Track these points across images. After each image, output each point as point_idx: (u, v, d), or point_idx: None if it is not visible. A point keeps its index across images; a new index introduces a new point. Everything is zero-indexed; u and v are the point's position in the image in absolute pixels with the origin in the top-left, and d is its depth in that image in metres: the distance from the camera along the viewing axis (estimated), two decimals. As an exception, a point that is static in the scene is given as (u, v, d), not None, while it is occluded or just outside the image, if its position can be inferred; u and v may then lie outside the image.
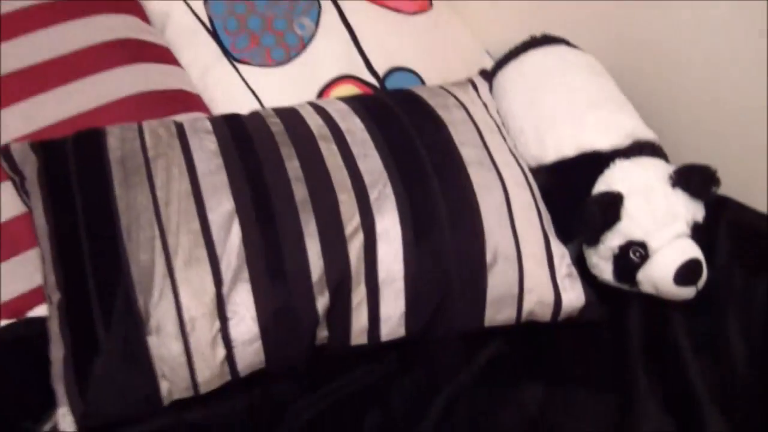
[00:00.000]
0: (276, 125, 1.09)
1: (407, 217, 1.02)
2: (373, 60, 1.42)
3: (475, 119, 1.18)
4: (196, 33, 1.37)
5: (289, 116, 1.12)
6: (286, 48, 1.38)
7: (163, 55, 1.33)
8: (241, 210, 0.98)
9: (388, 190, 1.03)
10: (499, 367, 1.04)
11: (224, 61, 1.36)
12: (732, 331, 1.06)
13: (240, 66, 1.35)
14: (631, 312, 1.11)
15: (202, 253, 0.95)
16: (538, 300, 1.06)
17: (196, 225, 0.96)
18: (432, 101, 1.18)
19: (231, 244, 0.96)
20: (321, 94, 1.35)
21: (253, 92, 1.34)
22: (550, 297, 1.07)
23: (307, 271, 0.97)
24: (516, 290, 1.05)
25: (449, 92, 1.22)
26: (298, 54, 1.38)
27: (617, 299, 1.13)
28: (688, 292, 1.09)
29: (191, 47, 1.36)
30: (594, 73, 1.30)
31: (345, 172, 1.04)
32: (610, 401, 1.00)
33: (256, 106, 1.30)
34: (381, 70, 1.41)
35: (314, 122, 1.10)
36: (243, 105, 1.28)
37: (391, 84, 1.41)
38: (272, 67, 1.36)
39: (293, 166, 1.03)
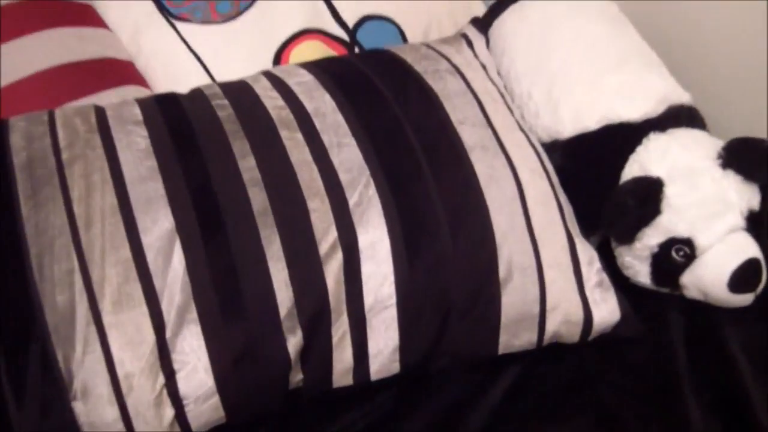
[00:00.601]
0: (224, 109, 0.90)
1: (397, 226, 0.84)
2: (341, 7, 1.23)
3: (474, 88, 0.98)
4: (124, -16, 1.19)
5: (240, 95, 0.93)
6: (235, -1, 1.19)
7: (83, 14, 1.15)
8: (183, 228, 0.81)
9: (371, 191, 0.85)
10: (519, 402, 0.88)
11: (159, 18, 1.17)
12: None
13: (179, 24, 1.17)
14: (672, 320, 0.96)
15: (136, 288, 0.79)
16: (563, 319, 0.88)
17: (126, 252, 0.80)
18: (419, 66, 0.98)
19: (173, 274, 0.80)
20: (279, 54, 1.18)
21: (197, 56, 1.16)
22: (578, 314, 0.88)
23: (272, 304, 0.81)
24: (536, 309, 0.87)
25: (440, 53, 1.02)
26: (249, 5, 1.19)
27: (651, 299, 0.98)
28: (744, 300, 0.93)
29: (119, 3, 1.17)
30: (612, 20, 1.12)
31: (315, 170, 0.85)
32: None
33: (200, 74, 1.14)
34: (351, 20, 1.23)
35: (272, 103, 0.92)
36: (185, 72, 1.15)
37: (364, 36, 1.23)
38: (218, 23, 1.17)
39: (248, 166, 0.85)
